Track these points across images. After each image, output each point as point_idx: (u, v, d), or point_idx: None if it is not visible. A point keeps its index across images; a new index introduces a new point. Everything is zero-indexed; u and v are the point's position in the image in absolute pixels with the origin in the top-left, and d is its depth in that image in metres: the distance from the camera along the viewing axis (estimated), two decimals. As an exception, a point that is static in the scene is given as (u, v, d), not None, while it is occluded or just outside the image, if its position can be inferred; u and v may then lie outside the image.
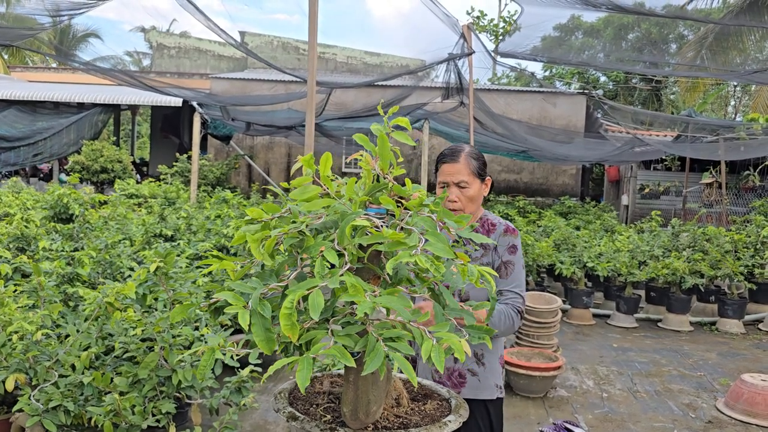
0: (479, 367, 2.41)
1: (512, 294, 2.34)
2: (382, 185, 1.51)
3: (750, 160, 13.23)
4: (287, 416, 1.68)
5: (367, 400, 1.60)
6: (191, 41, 23.57)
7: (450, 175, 2.37)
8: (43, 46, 16.38)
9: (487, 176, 2.45)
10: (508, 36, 12.33)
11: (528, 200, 15.26)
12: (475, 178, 2.38)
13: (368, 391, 1.60)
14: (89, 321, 3.28)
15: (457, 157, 2.38)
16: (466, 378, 2.40)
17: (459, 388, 2.39)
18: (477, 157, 2.42)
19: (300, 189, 1.45)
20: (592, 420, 4.63)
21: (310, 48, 3.84)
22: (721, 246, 8.10)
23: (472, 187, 2.37)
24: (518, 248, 2.40)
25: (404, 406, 1.90)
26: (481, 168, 2.41)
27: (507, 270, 2.36)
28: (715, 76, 14.10)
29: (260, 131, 12.75)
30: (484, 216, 2.47)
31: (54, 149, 13.88)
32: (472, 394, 2.39)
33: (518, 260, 2.38)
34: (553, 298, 5.54)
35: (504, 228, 2.41)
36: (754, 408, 4.67)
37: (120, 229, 6.25)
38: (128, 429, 2.85)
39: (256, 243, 1.39)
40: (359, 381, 1.55)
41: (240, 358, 4.77)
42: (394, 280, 1.47)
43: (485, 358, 2.42)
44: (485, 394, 2.42)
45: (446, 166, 2.39)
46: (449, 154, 2.41)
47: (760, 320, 7.99)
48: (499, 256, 2.38)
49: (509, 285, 2.35)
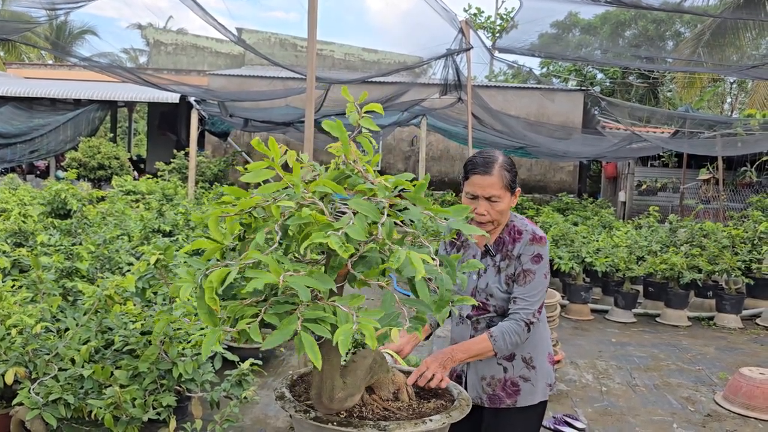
0: (530, 371, 2.34)
1: (525, 303, 2.22)
2: (342, 172, 1.54)
3: (747, 156, 13.25)
4: (277, 396, 1.81)
5: (331, 386, 1.63)
6: (188, 38, 23.52)
7: (481, 188, 2.20)
8: (40, 41, 16.32)
9: (517, 188, 2.29)
10: (506, 33, 12.32)
11: (526, 197, 15.28)
12: (507, 191, 2.23)
13: (332, 377, 1.63)
14: (89, 314, 3.27)
15: (491, 169, 2.19)
16: (519, 386, 2.33)
17: (515, 397, 2.32)
18: (510, 168, 2.24)
19: (254, 173, 1.47)
20: (591, 413, 4.64)
21: (310, 41, 3.82)
22: (719, 241, 8.12)
23: (503, 201, 2.22)
24: (543, 257, 2.26)
25: (403, 401, 1.88)
26: (514, 180, 2.25)
27: (526, 278, 2.23)
28: (711, 71, 14.13)
29: (258, 128, 12.73)
30: (511, 222, 2.33)
31: (51, 146, 13.85)
32: (528, 401, 2.33)
33: (540, 269, 2.24)
34: (552, 293, 5.54)
35: (530, 237, 2.26)
36: (753, 401, 4.69)
37: (118, 225, 6.23)
38: (129, 422, 2.84)
39: (215, 222, 1.45)
40: (324, 366, 1.58)
41: (240, 352, 4.76)
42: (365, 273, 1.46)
43: (534, 361, 2.35)
44: (538, 397, 2.36)
45: (477, 177, 2.21)
46: (482, 164, 2.21)
47: (758, 315, 8.02)
48: (521, 263, 2.25)
49: (525, 293, 2.23)
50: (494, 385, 2.33)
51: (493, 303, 2.30)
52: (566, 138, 13.16)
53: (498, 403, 2.33)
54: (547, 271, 2.29)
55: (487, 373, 2.34)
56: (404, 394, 1.91)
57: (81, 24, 28.64)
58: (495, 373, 2.33)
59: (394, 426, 1.65)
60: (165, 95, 13.61)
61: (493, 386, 2.33)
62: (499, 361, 2.32)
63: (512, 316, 2.22)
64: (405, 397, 1.91)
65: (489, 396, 2.34)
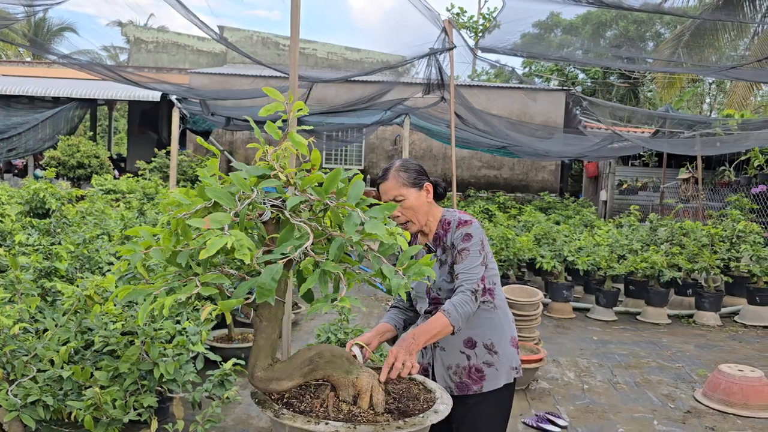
0: (493, 357, 2.42)
1: (466, 275, 2.33)
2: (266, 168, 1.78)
3: (726, 156, 13.43)
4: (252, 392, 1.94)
5: (254, 363, 1.80)
6: (169, 36, 23.30)
7: (384, 193, 2.44)
8: (18, 38, 16.07)
9: (425, 182, 2.46)
10: (488, 32, 12.38)
11: (508, 196, 15.36)
12: (410, 188, 2.41)
13: (258, 354, 1.80)
14: (68, 315, 3.22)
15: (386, 175, 2.44)
16: (484, 371, 2.42)
17: (481, 383, 2.41)
18: (406, 168, 2.45)
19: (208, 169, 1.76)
20: (573, 411, 4.67)
21: (292, 40, 3.80)
22: (698, 240, 8.22)
23: (408, 198, 2.41)
24: (473, 235, 2.38)
25: (361, 407, 1.87)
26: (413, 177, 2.43)
27: (461, 255, 2.36)
28: (691, 71, 14.28)
29: (240, 126, 12.63)
30: (443, 217, 2.49)
31: (29, 144, 13.63)
32: (494, 385, 2.42)
33: (473, 246, 2.37)
34: (535, 291, 5.57)
35: (457, 222, 2.42)
36: (731, 398, 4.75)
37: (98, 224, 6.15)
38: (109, 423, 2.81)
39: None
40: (257, 339, 1.81)
41: (223, 352, 4.73)
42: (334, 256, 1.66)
43: (496, 346, 2.43)
44: (503, 379, 2.44)
45: (381, 186, 2.46)
46: (381, 175, 2.48)
47: (736, 312, 8.13)
48: (455, 248, 2.39)
49: (464, 267, 2.34)
50: (460, 373, 2.43)
51: (444, 296, 2.43)
52: (548, 137, 13.24)
53: (465, 390, 2.42)
54: (482, 246, 2.39)
55: (452, 362, 2.44)
56: (364, 401, 1.87)
57: (60, 21, 28.35)
58: (459, 361, 2.43)
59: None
60: (146, 93, 13.47)
61: (459, 374, 2.42)
62: (462, 350, 2.43)
63: (458, 289, 2.32)
64: (365, 403, 1.87)
65: (457, 384, 2.43)
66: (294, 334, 6.14)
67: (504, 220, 10.72)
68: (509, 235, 8.31)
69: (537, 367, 5.09)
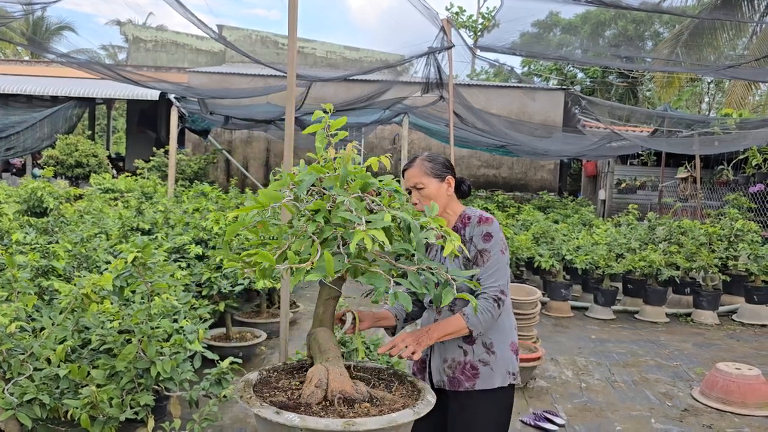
0: (490, 356, 2.42)
1: (489, 281, 2.34)
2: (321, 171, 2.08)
3: (724, 155, 13.42)
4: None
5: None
6: (168, 35, 23.27)
7: (407, 180, 2.52)
8: (16, 36, 16.05)
9: (448, 176, 2.51)
10: (487, 31, 12.38)
11: (507, 195, 15.36)
12: (432, 178, 2.48)
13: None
14: (65, 314, 3.22)
15: (412, 163, 2.53)
16: (478, 369, 2.42)
17: (473, 380, 2.41)
18: (432, 159, 2.53)
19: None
20: (571, 409, 4.67)
21: (290, 39, 3.80)
22: (696, 239, 8.23)
23: (429, 187, 2.47)
24: (494, 235, 2.40)
25: (302, 393, 2.01)
26: (438, 168, 2.50)
27: (483, 258, 2.37)
28: (690, 71, 14.30)
29: (239, 125, 12.64)
30: (464, 213, 2.52)
31: (27, 143, 13.61)
32: (487, 384, 2.42)
33: (494, 247, 2.38)
34: (533, 290, 5.57)
35: (477, 219, 2.44)
36: (729, 396, 4.76)
37: (96, 223, 6.14)
38: (106, 422, 2.80)
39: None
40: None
41: (221, 351, 4.73)
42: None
43: (495, 347, 2.43)
44: (498, 382, 2.43)
45: (405, 173, 2.55)
46: (408, 162, 2.57)
47: (734, 311, 8.14)
48: (474, 245, 2.40)
49: (486, 272, 2.35)
50: (454, 367, 2.43)
51: None
52: (547, 136, 13.25)
53: (457, 386, 2.42)
54: (503, 247, 2.42)
55: (448, 355, 2.45)
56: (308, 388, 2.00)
57: (58, 20, 28.30)
58: (456, 355, 2.44)
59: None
60: (144, 92, 13.45)
61: (453, 368, 2.43)
62: (459, 344, 2.43)
63: (480, 295, 2.33)
64: (306, 390, 2.00)
65: (449, 378, 2.44)
66: (292, 333, 6.14)
67: (503, 218, 10.72)
68: (508, 234, 8.31)
69: (535, 365, 5.09)
